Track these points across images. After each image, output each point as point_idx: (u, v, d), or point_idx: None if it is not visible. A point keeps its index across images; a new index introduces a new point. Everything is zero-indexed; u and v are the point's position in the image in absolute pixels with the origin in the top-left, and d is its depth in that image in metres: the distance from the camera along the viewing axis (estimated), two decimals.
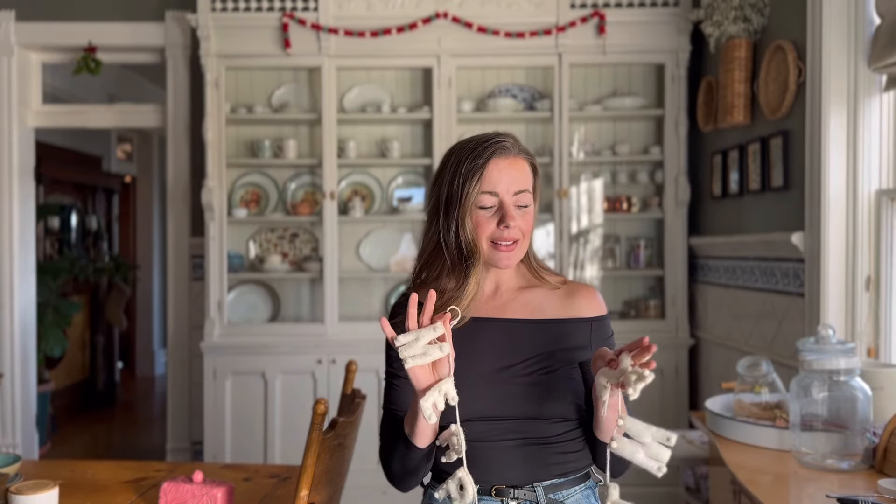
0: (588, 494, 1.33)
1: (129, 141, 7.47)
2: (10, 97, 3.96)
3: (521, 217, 1.29)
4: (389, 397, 1.34)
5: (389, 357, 1.35)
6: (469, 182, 1.27)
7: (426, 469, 1.30)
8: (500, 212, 1.28)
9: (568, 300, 1.34)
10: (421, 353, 1.11)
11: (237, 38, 3.62)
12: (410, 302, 1.15)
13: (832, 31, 2.49)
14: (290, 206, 3.82)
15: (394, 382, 1.34)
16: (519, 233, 1.29)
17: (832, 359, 1.87)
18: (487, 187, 1.27)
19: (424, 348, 1.11)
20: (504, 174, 1.27)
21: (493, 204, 1.28)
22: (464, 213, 1.27)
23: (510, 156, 1.29)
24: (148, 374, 7.56)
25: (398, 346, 1.12)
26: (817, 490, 1.71)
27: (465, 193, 1.27)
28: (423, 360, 1.12)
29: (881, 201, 2.45)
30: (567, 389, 1.30)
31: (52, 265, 5.28)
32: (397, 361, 1.32)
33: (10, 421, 3.99)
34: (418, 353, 1.11)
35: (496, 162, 1.28)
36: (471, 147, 1.30)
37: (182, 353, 4.03)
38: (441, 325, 1.13)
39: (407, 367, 1.12)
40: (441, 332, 1.13)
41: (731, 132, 3.29)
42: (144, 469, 2.01)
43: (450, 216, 1.29)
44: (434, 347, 1.12)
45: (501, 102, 3.71)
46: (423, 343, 1.12)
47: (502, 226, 1.27)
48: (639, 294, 3.90)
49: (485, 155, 1.28)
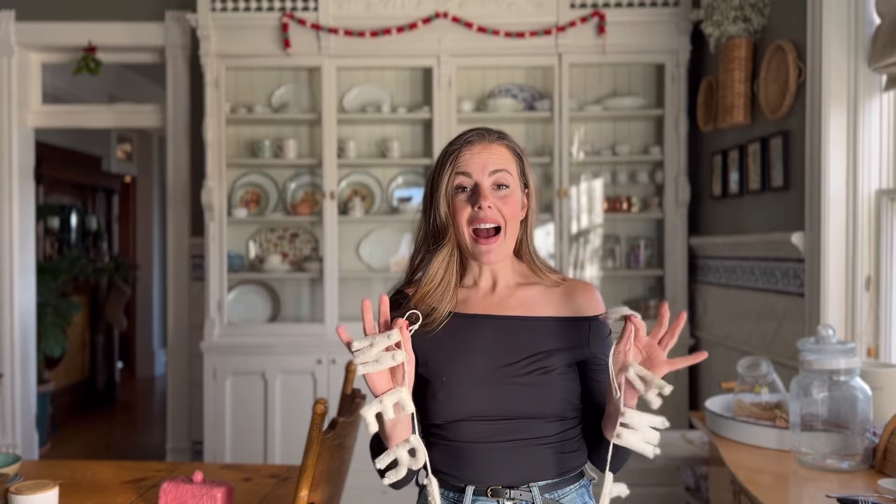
0: (582, 493, 1.34)
1: (128, 141, 7.48)
2: (10, 97, 3.95)
3: (500, 200, 1.28)
4: None
5: None
6: (443, 168, 1.30)
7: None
8: (475, 193, 1.28)
9: (566, 298, 1.34)
10: (374, 359, 1.08)
11: (237, 38, 3.62)
12: (364, 306, 1.14)
13: (832, 31, 2.49)
14: (290, 206, 3.82)
15: None
16: (497, 215, 1.27)
17: (832, 359, 1.87)
18: (460, 169, 1.29)
19: (378, 355, 1.09)
20: (477, 156, 1.29)
21: (469, 185, 1.29)
22: (438, 198, 1.29)
23: (485, 141, 1.32)
24: (148, 374, 7.56)
25: (353, 351, 1.09)
26: (817, 490, 1.71)
27: (439, 180, 1.30)
28: (375, 367, 1.09)
29: (881, 201, 2.45)
30: (564, 389, 1.29)
31: (52, 265, 5.29)
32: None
33: (10, 421, 3.99)
34: (371, 360, 1.08)
35: (470, 146, 1.31)
36: (452, 140, 1.34)
37: (182, 353, 4.03)
38: (397, 333, 1.10)
39: (359, 373, 1.10)
40: (396, 339, 1.10)
41: (731, 132, 3.29)
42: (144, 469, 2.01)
43: (430, 205, 1.32)
44: (387, 355, 1.09)
45: (501, 102, 3.71)
46: (378, 350, 1.09)
47: (476, 206, 1.27)
48: (639, 294, 3.90)
49: (460, 142, 1.31)
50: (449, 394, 1.27)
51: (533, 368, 1.27)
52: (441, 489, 1.32)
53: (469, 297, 1.34)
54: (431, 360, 1.30)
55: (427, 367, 1.30)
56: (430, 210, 1.32)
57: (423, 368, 1.30)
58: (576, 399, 1.31)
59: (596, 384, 1.33)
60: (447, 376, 1.28)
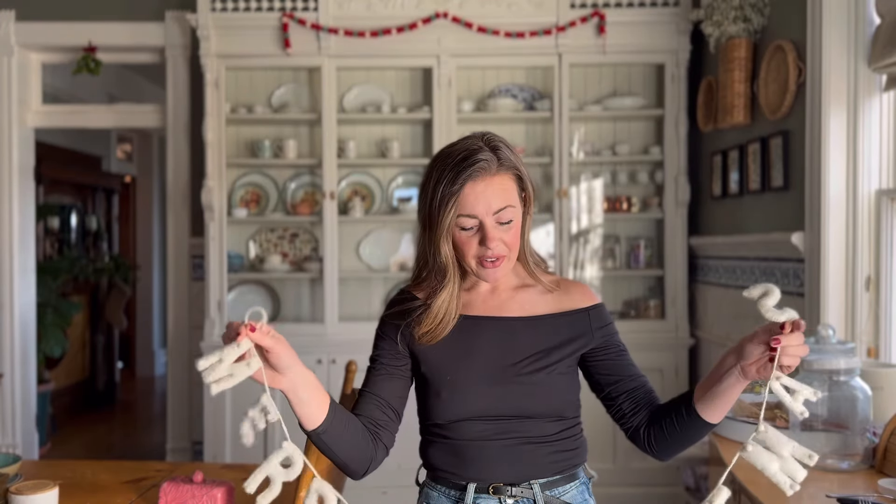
0: (583, 490, 1.35)
1: (129, 141, 7.47)
2: (10, 97, 3.95)
3: (505, 233, 1.26)
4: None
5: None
6: (444, 208, 1.24)
7: (354, 456, 1.24)
8: (480, 232, 1.26)
9: (562, 297, 1.36)
10: (227, 374, 1.02)
11: (237, 38, 3.62)
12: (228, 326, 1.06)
13: (832, 31, 2.49)
14: (290, 206, 3.82)
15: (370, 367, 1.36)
16: (503, 248, 1.27)
17: (832, 359, 1.87)
18: (465, 210, 1.24)
19: (230, 368, 1.02)
20: (481, 197, 1.24)
21: (473, 225, 1.26)
22: (439, 238, 1.26)
23: (487, 176, 1.24)
24: (148, 374, 7.56)
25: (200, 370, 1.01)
26: (817, 490, 1.71)
27: (440, 220, 1.25)
28: (230, 381, 1.02)
29: (881, 201, 2.45)
30: (565, 388, 1.31)
31: (52, 265, 5.28)
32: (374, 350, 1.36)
33: (10, 421, 3.99)
34: (224, 376, 1.02)
35: (472, 186, 1.23)
36: (451, 164, 1.25)
37: (182, 353, 4.03)
38: (246, 342, 1.03)
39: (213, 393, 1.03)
40: (247, 346, 1.03)
41: (731, 132, 3.29)
42: (144, 469, 2.01)
43: (429, 236, 1.28)
44: (241, 366, 1.03)
45: (501, 102, 3.71)
46: (228, 363, 1.02)
47: (483, 246, 1.26)
48: (639, 294, 3.90)
49: (459, 180, 1.23)
50: (453, 393, 1.29)
51: (535, 368, 1.29)
52: (443, 487, 1.34)
53: (471, 299, 1.36)
54: (434, 360, 1.31)
55: (430, 368, 1.31)
56: (429, 241, 1.28)
57: (426, 368, 1.32)
58: (576, 398, 1.34)
59: (621, 366, 1.34)
60: (451, 376, 1.30)
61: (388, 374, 1.33)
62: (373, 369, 1.35)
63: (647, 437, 1.31)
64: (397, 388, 1.33)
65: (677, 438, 1.27)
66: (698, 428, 1.24)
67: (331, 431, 1.20)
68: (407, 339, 1.33)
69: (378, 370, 1.34)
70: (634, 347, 3.80)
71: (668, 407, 1.29)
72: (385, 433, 1.30)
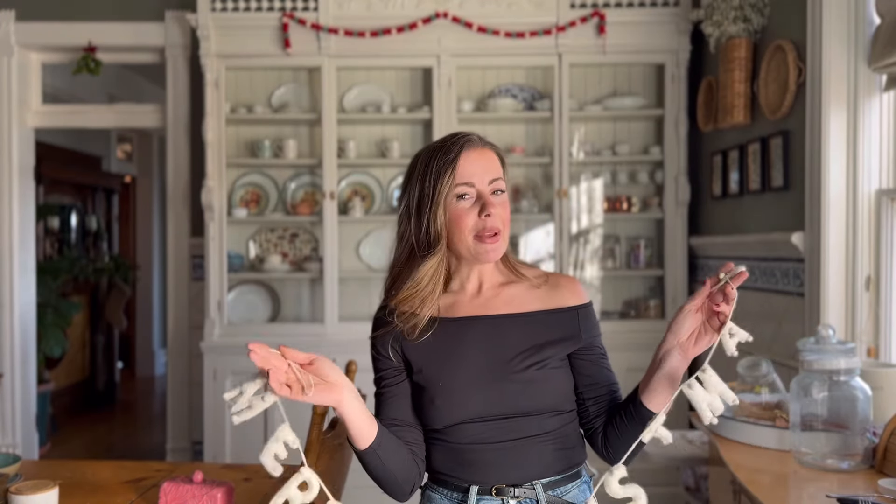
0: (584, 489, 1.35)
1: (128, 141, 7.47)
2: (10, 97, 3.95)
3: (500, 206, 1.29)
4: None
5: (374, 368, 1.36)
6: (442, 178, 1.27)
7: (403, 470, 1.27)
8: (479, 201, 1.27)
9: (551, 292, 1.35)
10: (246, 406, 1.08)
11: (237, 38, 3.61)
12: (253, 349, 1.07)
13: (832, 31, 2.49)
14: (290, 206, 3.82)
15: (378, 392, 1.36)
16: (500, 222, 1.28)
17: (832, 359, 1.87)
18: (462, 179, 1.27)
19: (249, 401, 1.08)
20: (477, 164, 1.28)
21: (472, 194, 1.27)
22: (436, 208, 1.27)
23: (478, 147, 1.30)
24: (148, 374, 7.56)
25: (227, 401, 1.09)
26: (817, 490, 1.71)
27: (437, 190, 1.27)
28: (249, 413, 1.07)
29: (881, 201, 2.45)
30: (559, 381, 1.31)
31: (52, 265, 5.28)
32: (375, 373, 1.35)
33: (10, 421, 3.99)
34: (244, 408, 1.08)
35: (466, 154, 1.28)
36: (437, 146, 1.31)
37: (182, 353, 4.03)
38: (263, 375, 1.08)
39: (235, 423, 1.08)
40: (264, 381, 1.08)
41: (731, 132, 3.29)
42: (144, 469, 2.01)
43: (422, 215, 1.29)
44: (257, 399, 1.08)
45: (501, 102, 3.71)
46: (248, 396, 1.08)
47: (484, 214, 1.26)
48: (639, 294, 3.90)
49: (454, 150, 1.28)
50: (447, 398, 1.28)
51: (528, 364, 1.29)
52: (445, 490, 1.34)
53: (456, 301, 1.35)
54: (426, 367, 1.30)
55: (422, 375, 1.31)
56: (420, 219, 1.29)
57: (419, 376, 1.31)
58: (570, 391, 1.33)
59: (598, 370, 1.34)
60: (443, 381, 1.29)
61: (396, 395, 1.32)
62: (381, 395, 1.34)
63: (603, 439, 1.32)
64: (409, 404, 1.33)
65: (629, 436, 1.25)
66: (645, 420, 1.21)
67: (385, 446, 1.22)
68: (398, 347, 1.32)
69: (385, 394, 1.33)
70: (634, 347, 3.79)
71: (617, 407, 1.31)
72: (418, 448, 1.31)
